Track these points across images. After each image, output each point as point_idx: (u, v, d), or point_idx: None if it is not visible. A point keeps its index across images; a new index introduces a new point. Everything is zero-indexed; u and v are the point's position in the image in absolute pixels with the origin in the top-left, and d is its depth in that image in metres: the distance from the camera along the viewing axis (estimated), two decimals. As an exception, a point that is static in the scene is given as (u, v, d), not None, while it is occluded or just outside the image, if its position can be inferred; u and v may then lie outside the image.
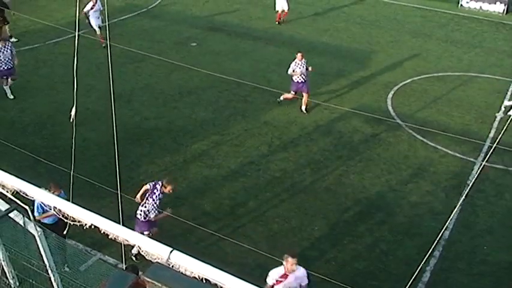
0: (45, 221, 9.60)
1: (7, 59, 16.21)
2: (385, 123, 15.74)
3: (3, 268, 8.14)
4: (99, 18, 20.67)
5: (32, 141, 14.52)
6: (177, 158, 14.04)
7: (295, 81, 16.10)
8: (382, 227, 11.89)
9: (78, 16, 12.13)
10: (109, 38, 14.60)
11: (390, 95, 17.57)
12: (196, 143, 14.70)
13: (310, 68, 16.08)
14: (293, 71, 15.98)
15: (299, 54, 15.95)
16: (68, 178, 12.78)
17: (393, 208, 12.50)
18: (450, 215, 11.32)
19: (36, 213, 9.56)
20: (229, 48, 21.03)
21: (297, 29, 23.23)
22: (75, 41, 10.36)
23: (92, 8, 20.55)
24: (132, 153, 14.08)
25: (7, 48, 16.25)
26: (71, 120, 9.39)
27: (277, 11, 23.96)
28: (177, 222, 11.53)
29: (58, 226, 9.30)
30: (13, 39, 21.13)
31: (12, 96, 16.62)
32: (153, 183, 10.41)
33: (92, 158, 13.65)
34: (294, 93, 16.28)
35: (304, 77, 15.98)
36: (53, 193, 8.76)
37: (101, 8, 20.70)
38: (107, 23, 19.86)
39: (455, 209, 11.69)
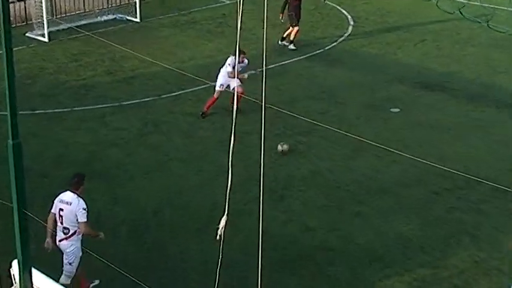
0: None
1: None
2: None
3: None
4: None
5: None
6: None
7: None
8: None
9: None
10: (264, 96, 14.77)
11: None
12: (389, 277, 14.37)
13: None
14: None
15: None
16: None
17: None
18: None
19: None
20: (454, 118, 20.85)
21: None
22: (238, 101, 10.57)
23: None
24: (281, 285, 14.10)
25: None
26: (218, 237, 9.65)
27: None
28: None
29: None
30: (291, 47, 25.63)
31: None
32: None
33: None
34: None
35: None
36: None
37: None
38: (263, 69, 20.39)
39: None
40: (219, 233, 10.05)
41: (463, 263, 14.68)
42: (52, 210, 13.20)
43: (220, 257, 9.79)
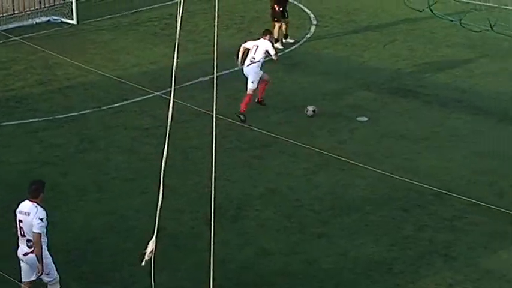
0: None
1: None
2: None
3: None
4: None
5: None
6: None
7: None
8: None
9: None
10: (215, 103, 14.93)
11: None
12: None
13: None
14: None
15: None
16: None
17: None
18: None
19: None
20: (426, 128, 21.03)
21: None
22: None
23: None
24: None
25: None
26: (143, 263, 9.77)
27: None
28: None
29: None
30: (289, 40, 27.13)
31: None
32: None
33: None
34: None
35: None
36: None
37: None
38: (214, 76, 20.52)
39: None
40: (145, 258, 10.14)
41: (437, 286, 14.73)
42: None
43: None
